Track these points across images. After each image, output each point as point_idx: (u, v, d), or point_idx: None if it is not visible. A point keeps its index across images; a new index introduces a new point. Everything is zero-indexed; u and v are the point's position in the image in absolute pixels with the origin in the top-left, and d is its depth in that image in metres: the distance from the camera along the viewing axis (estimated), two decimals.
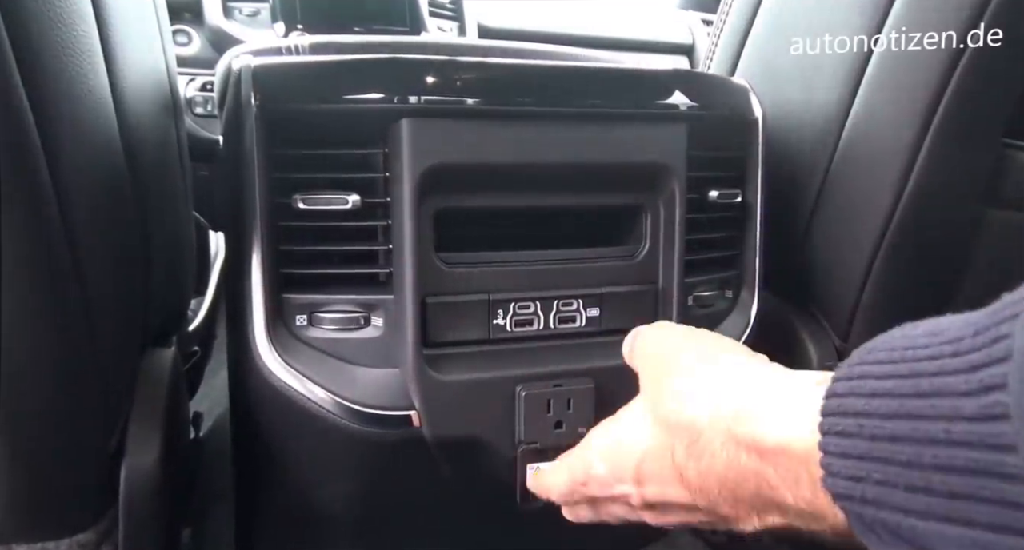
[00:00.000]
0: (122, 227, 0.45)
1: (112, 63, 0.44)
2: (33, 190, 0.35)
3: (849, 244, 0.57)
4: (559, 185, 0.48)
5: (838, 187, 0.57)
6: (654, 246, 0.50)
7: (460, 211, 0.46)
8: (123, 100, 0.45)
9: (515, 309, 0.48)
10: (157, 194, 0.52)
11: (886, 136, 0.54)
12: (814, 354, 0.60)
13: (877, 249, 0.55)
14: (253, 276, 0.44)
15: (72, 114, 0.38)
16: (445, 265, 0.46)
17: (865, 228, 0.55)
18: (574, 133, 0.46)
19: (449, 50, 0.59)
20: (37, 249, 0.36)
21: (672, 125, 0.48)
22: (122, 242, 0.46)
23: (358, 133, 0.44)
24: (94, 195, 0.41)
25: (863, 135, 0.55)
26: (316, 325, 0.46)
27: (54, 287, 0.38)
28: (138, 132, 0.48)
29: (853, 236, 0.56)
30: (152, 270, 0.50)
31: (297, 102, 0.43)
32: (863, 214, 0.55)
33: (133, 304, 0.48)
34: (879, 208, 0.54)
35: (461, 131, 0.44)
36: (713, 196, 0.52)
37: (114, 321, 0.44)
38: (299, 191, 0.44)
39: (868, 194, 0.55)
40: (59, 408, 0.40)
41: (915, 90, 0.52)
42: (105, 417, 0.44)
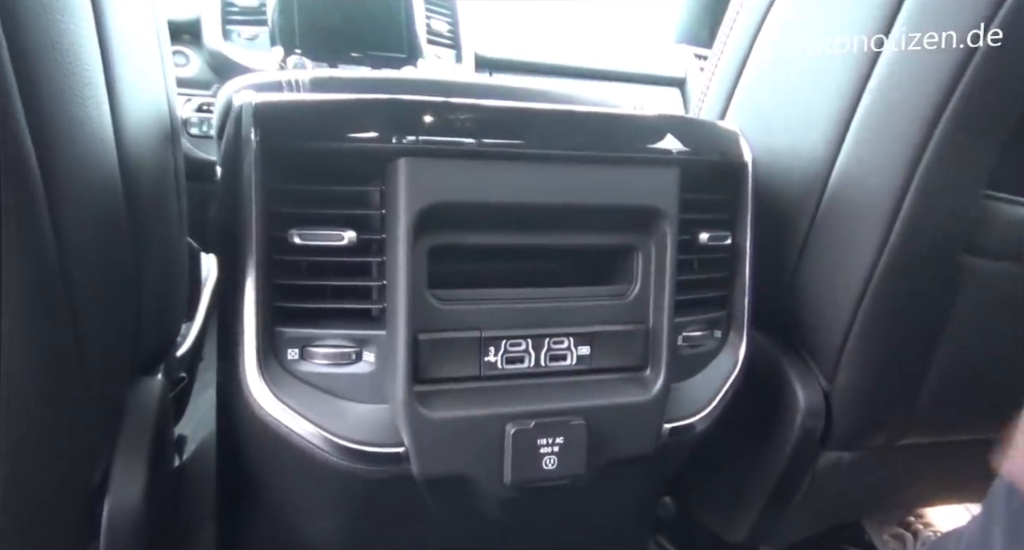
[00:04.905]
0: (116, 257, 0.46)
1: (114, 90, 0.44)
2: (29, 218, 0.35)
3: (836, 288, 0.58)
4: (552, 225, 0.48)
5: (825, 232, 0.58)
6: (645, 286, 0.51)
7: (454, 248, 0.47)
8: (123, 127, 0.45)
9: (506, 347, 0.48)
10: (152, 224, 0.52)
11: (872, 184, 0.55)
12: (801, 395, 0.60)
13: (863, 294, 0.56)
14: (246, 309, 0.44)
15: (71, 142, 0.39)
16: (438, 301, 0.47)
17: (851, 273, 0.56)
18: (568, 175, 0.47)
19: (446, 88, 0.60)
20: (30, 279, 0.36)
21: (664, 169, 0.49)
22: (115, 272, 0.46)
23: (356, 171, 0.45)
24: (90, 225, 0.41)
25: (850, 182, 0.56)
26: (307, 359, 0.46)
27: (44, 318, 0.38)
28: (136, 161, 0.48)
29: (840, 280, 0.57)
30: (144, 300, 0.50)
31: (297, 140, 0.44)
32: (849, 260, 0.56)
33: (123, 335, 0.48)
34: (865, 254, 0.55)
35: (457, 171, 0.44)
36: (704, 239, 0.53)
37: (103, 352, 0.44)
38: (295, 226, 0.44)
39: (854, 240, 0.56)
40: (43, 442, 0.40)
41: (901, 140, 0.53)
42: (89, 451, 0.43)
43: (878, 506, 0.81)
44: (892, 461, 0.68)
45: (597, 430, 0.48)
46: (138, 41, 0.52)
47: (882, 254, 0.55)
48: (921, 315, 0.58)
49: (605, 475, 0.50)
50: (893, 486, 0.74)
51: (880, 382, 0.60)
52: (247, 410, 0.45)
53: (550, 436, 0.47)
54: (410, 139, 0.44)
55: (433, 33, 1.52)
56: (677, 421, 0.52)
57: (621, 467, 0.51)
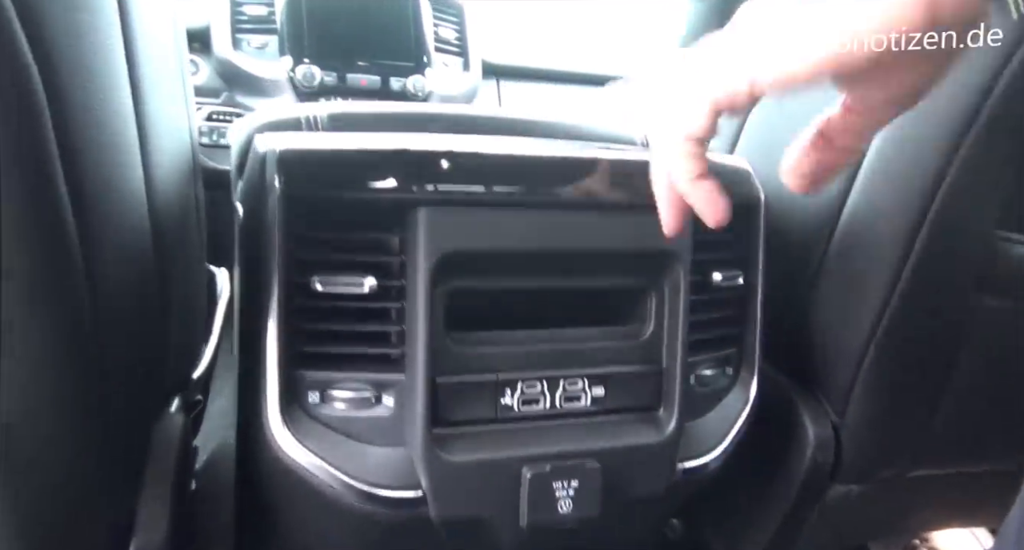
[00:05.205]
0: (144, 296, 0.46)
1: (143, 127, 0.45)
2: (64, 268, 0.36)
3: (846, 325, 0.58)
4: (567, 268, 0.49)
5: (835, 269, 0.59)
6: (658, 327, 0.51)
7: (471, 291, 0.47)
8: (153, 176, 0.46)
9: (522, 389, 0.49)
10: (177, 258, 0.53)
11: (884, 223, 0.55)
12: (811, 429, 0.61)
13: (873, 332, 0.57)
14: (269, 353, 0.45)
15: (107, 195, 0.39)
16: (455, 345, 0.47)
17: (862, 311, 0.57)
18: (582, 221, 0.47)
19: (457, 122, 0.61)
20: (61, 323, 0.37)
21: None
22: (143, 311, 0.46)
23: (376, 218, 0.45)
24: (121, 268, 0.42)
25: (861, 220, 0.57)
26: (328, 402, 0.46)
27: (75, 358, 0.38)
28: (164, 201, 0.48)
29: (850, 318, 0.58)
30: (170, 336, 0.51)
31: (320, 189, 0.44)
32: (860, 298, 0.57)
33: (149, 371, 0.49)
34: (876, 293, 0.56)
35: (475, 219, 0.45)
36: (717, 279, 0.54)
37: (130, 391, 0.45)
38: (317, 272, 0.45)
39: (865, 278, 0.57)
40: (70, 484, 0.41)
41: (913, 179, 0.54)
42: (116, 493, 0.44)
43: (885, 532, 0.82)
44: (901, 492, 0.68)
45: (611, 472, 0.49)
46: (166, 79, 0.53)
47: (893, 293, 0.55)
48: (932, 353, 0.58)
49: (617, 512, 0.51)
50: (901, 515, 0.74)
51: (890, 418, 0.60)
52: (268, 452, 0.46)
53: (566, 479, 0.47)
54: (428, 188, 0.44)
55: (441, 40, 1.52)
56: (690, 460, 0.53)
57: (633, 504, 0.52)
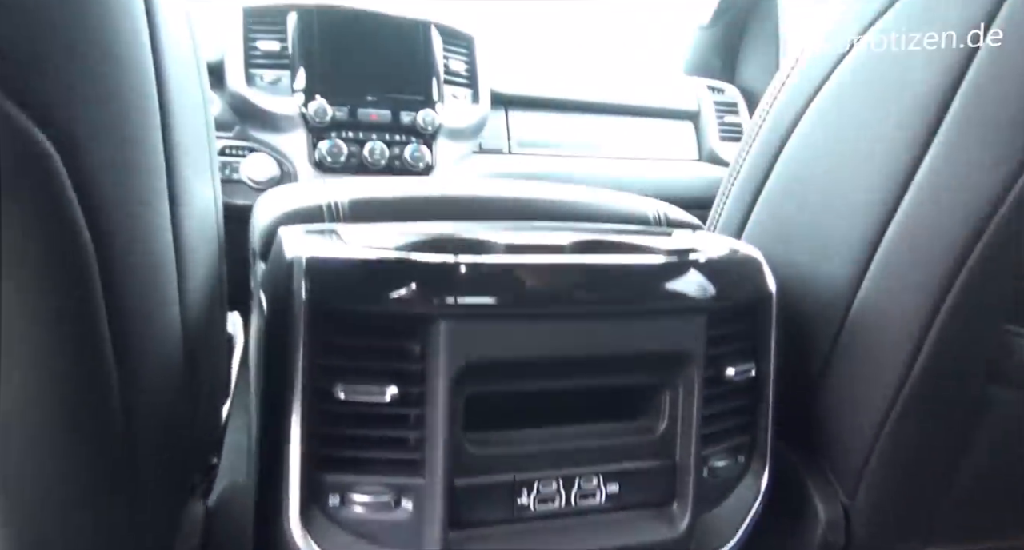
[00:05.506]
0: (173, 382, 0.47)
1: (176, 205, 0.46)
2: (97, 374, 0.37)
3: (856, 413, 0.59)
4: (584, 370, 0.50)
5: (847, 354, 0.59)
6: (672, 422, 0.52)
7: (489, 395, 0.48)
8: (186, 277, 0.47)
9: (538, 488, 0.50)
10: (206, 345, 0.54)
11: (897, 313, 0.56)
12: (822, 510, 0.62)
13: (885, 419, 0.57)
14: (292, 457, 0.46)
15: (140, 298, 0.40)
16: (473, 446, 0.48)
17: (873, 399, 0.57)
18: (598, 328, 0.49)
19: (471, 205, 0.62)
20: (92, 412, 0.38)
21: (691, 317, 0.50)
22: (172, 399, 0.47)
23: (398, 328, 0.46)
24: (152, 357, 0.43)
25: (873, 308, 0.57)
26: (348, 505, 0.47)
27: (102, 449, 0.39)
28: (193, 281, 0.49)
29: (860, 405, 0.58)
30: (196, 417, 0.52)
31: (345, 301, 0.45)
32: (871, 386, 0.57)
33: (176, 466, 0.50)
34: (887, 383, 0.56)
35: (494, 330, 0.46)
36: (730, 373, 0.54)
37: (157, 488, 0.46)
38: (340, 380, 0.46)
39: (876, 367, 0.57)
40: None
41: (929, 271, 0.54)
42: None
43: None
44: None
45: None
46: (197, 148, 0.53)
47: (905, 383, 0.56)
48: (944, 441, 0.59)
49: None
50: None
51: (901, 502, 0.61)
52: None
53: None
54: (449, 302, 0.45)
55: (450, 72, 1.54)
56: None
57: None
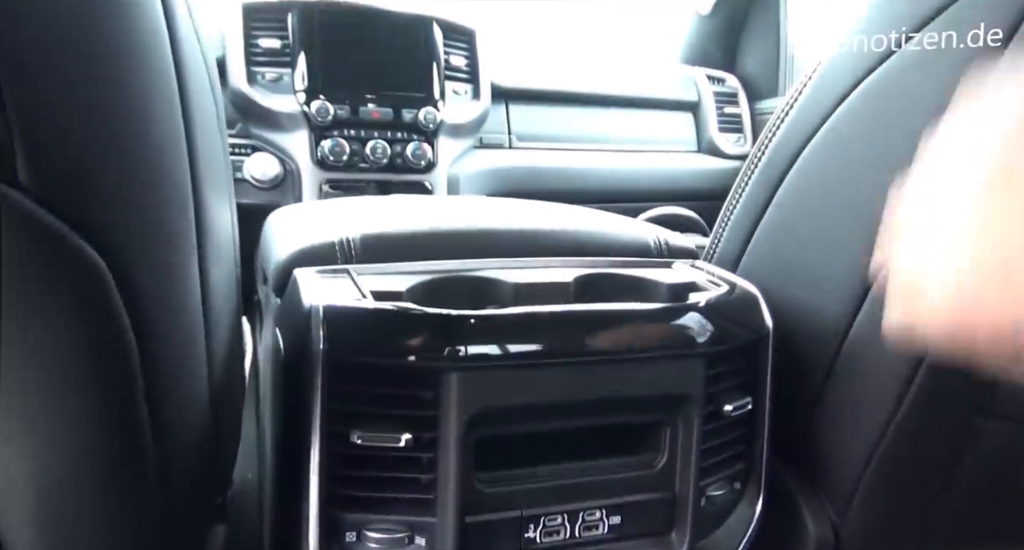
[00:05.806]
0: (199, 444, 0.49)
1: (205, 273, 0.48)
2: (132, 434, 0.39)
3: (847, 442, 0.61)
4: (588, 412, 0.53)
5: (840, 385, 0.62)
6: (672, 457, 0.55)
7: (498, 438, 0.51)
8: (210, 306, 0.49)
9: (544, 522, 0.52)
10: (229, 397, 0.56)
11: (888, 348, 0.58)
12: (812, 530, 0.65)
13: (875, 448, 0.60)
14: (311, 497, 0.49)
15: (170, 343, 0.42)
16: (483, 485, 0.51)
17: (864, 427, 0.60)
18: (604, 373, 0.51)
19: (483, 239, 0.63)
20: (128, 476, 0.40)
21: (693, 359, 0.53)
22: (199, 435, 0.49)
23: (412, 379, 0.49)
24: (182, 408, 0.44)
25: (868, 340, 0.60)
26: (363, 542, 0.50)
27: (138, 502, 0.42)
28: (218, 330, 0.51)
29: (852, 434, 0.61)
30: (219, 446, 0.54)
31: (361, 353, 0.48)
32: (862, 416, 0.60)
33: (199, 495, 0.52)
34: (879, 413, 0.59)
35: (503, 379, 0.49)
36: (727, 409, 0.57)
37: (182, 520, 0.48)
38: (356, 426, 0.48)
39: (868, 398, 0.60)
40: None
41: None
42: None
43: None
44: None
45: None
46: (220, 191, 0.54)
47: (896, 414, 0.58)
48: (932, 467, 0.62)
49: None
50: None
51: (891, 523, 0.64)
52: None
53: None
54: (460, 354, 0.48)
55: (451, 68, 1.54)
56: None
57: None
